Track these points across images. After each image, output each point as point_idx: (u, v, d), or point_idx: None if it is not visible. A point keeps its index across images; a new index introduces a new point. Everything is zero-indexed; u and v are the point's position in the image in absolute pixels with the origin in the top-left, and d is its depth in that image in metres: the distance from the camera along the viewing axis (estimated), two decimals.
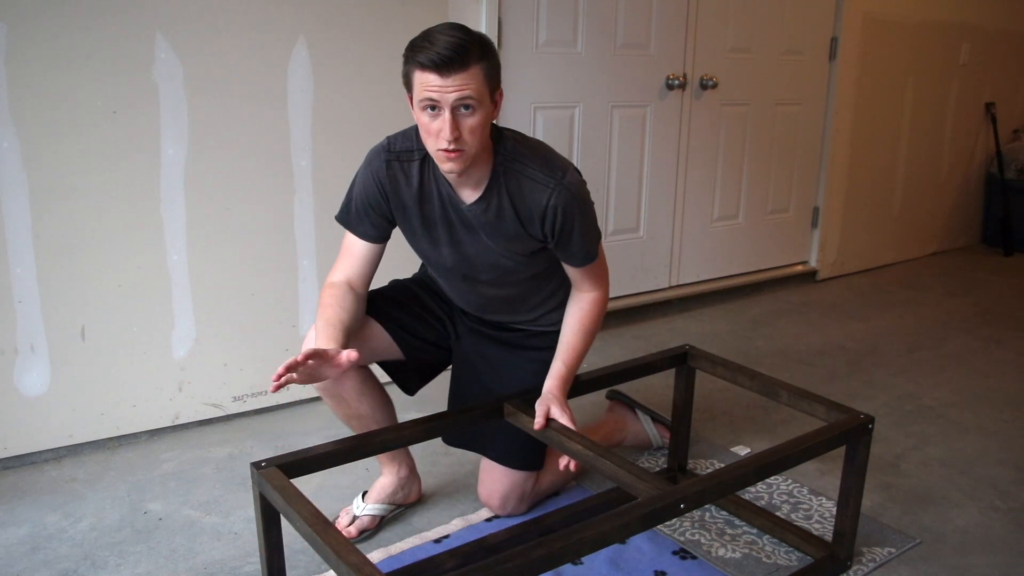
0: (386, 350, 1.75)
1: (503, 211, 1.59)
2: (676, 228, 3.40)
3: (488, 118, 1.50)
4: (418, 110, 1.48)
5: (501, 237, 1.62)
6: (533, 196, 1.57)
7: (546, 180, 1.57)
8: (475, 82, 1.44)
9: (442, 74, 1.41)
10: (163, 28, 2.08)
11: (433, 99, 1.43)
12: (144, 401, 2.25)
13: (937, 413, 2.53)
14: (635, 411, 2.20)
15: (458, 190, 1.60)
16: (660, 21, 3.11)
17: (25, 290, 2.03)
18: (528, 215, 1.59)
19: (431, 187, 1.61)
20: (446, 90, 1.42)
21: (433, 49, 1.41)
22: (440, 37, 1.42)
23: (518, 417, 1.67)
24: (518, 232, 1.61)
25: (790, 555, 1.78)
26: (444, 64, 1.41)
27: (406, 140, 1.62)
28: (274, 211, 2.34)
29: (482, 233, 1.62)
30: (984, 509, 1.98)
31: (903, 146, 4.19)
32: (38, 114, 1.97)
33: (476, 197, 1.58)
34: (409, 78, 1.47)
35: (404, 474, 1.88)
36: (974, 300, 3.75)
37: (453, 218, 1.62)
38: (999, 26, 4.43)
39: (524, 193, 1.58)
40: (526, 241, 1.63)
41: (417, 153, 1.60)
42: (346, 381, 1.69)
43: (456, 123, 1.44)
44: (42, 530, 1.85)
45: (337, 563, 1.18)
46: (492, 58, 1.48)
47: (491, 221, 1.60)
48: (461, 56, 1.41)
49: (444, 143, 1.45)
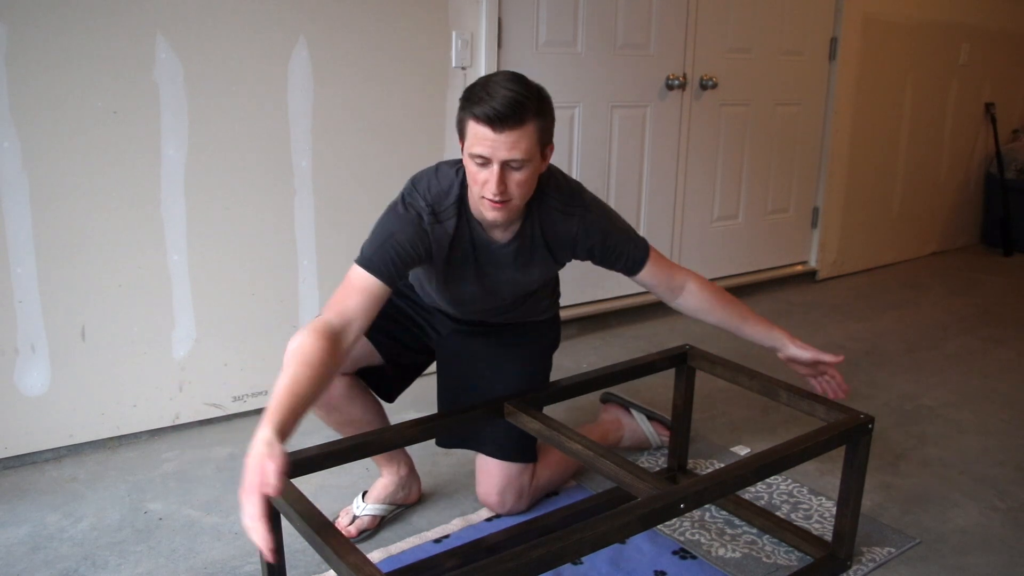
0: (366, 356, 1.75)
1: (535, 245, 1.62)
2: (676, 228, 3.40)
3: (535, 173, 1.50)
4: (468, 158, 1.46)
5: (529, 268, 1.66)
6: (564, 226, 1.61)
7: (570, 209, 1.61)
8: (527, 141, 1.43)
9: (496, 130, 1.40)
10: (163, 28, 2.08)
11: (484, 155, 1.43)
12: (144, 401, 2.25)
13: (937, 413, 2.53)
14: (630, 411, 2.20)
15: (491, 232, 1.60)
16: (660, 21, 3.11)
17: (25, 290, 2.03)
18: (559, 244, 1.63)
19: (464, 232, 1.59)
20: (497, 147, 1.41)
21: (489, 103, 1.39)
22: (499, 90, 1.40)
23: (518, 417, 1.67)
24: (546, 261, 1.66)
25: (790, 555, 1.78)
26: (499, 120, 1.39)
27: (441, 195, 1.56)
28: (274, 211, 2.34)
29: (512, 267, 1.65)
30: (984, 509, 1.98)
31: (903, 146, 4.19)
32: (38, 114, 1.97)
33: (509, 237, 1.60)
34: (463, 126, 1.46)
35: (404, 473, 1.88)
36: (974, 300, 3.75)
37: (482, 258, 1.63)
38: (999, 26, 4.43)
39: (555, 225, 1.61)
40: (552, 267, 1.69)
41: (454, 206, 1.56)
42: (332, 389, 1.68)
43: (503, 178, 1.44)
44: (42, 530, 1.85)
45: (337, 563, 1.18)
46: (547, 115, 1.48)
47: (523, 255, 1.63)
48: (517, 114, 1.40)
49: (489, 194, 1.45)
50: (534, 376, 1.85)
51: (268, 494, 1.16)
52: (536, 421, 1.64)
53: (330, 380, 1.40)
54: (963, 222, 4.76)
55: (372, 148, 2.48)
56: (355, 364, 1.74)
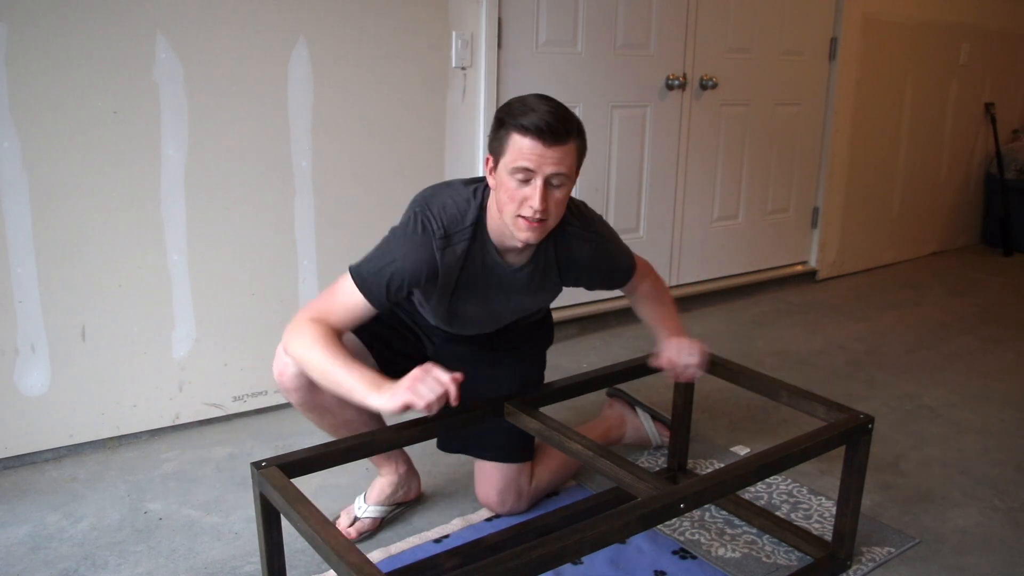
0: (358, 355, 1.74)
1: (548, 270, 1.63)
2: (676, 228, 3.40)
3: (569, 194, 1.51)
4: (506, 174, 1.44)
5: (540, 294, 1.67)
6: (578, 251, 1.63)
7: (587, 235, 1.63)
8: (571, 157, 1.44)
9: (545, 142, 1.40)
10: (163, 28, 2.08)
11: (529, 168, 1.41)
12: (144, 401, 2.25)
13: (937, 413, 2.53)
14: (635, 409, 2.20)
15: (506, 256, 1.59)
16: (660, 21, 3.11)
17: (25, 290, 2.03)
18: (569, 268, 1.65)
19: (476, 256, 1.57)
20: (545, 160, 1.41)
21: (537, 115, 1.39)
22: (541, 105, 1.41)
23: (518, 417, 1.67)
24: (555, 285, 1.67)
25: (790, 555, 1.78)
26: (549, 132, 1.39)
27: (454, 220, 1.53)
28: (274, 211, 2.34)
29: (522, 291, 1.65)
30: (984, 509, 1.98)
31: (903, 146, 4.19)
32: (38, 114, 1.97)
33: (524, 261, 1.60)
34: (503, 142, 1.43)
35: (403, 471, 1.88)
36: (974, 300, 3.75)
37: (493, 282, 1.62)
38: (999, 26, 4.43)
39: (570, 248, 1.62)
40: (558, 290, 1.71)
41: (468, 230, 1.54)
42: (324, 392, 1.59)
43: (546, 194, 1.43)
44: (42, 530, 1.85)
45: (337, 563, 1.18)
46: (584, 137, 1.49)
47: (535, 280, 1.64)
48: (565, 127, 1.41)
49: (529, 211, 1.43)
50: (529, 375, 1.86)
51: (458, 380, 1.38)
52: (536, 421, 1.64)
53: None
54: (963, 222, 4.76)
55: (372, 148, 2.48)
56: None
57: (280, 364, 1.63)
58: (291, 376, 1.62)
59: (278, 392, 2.45)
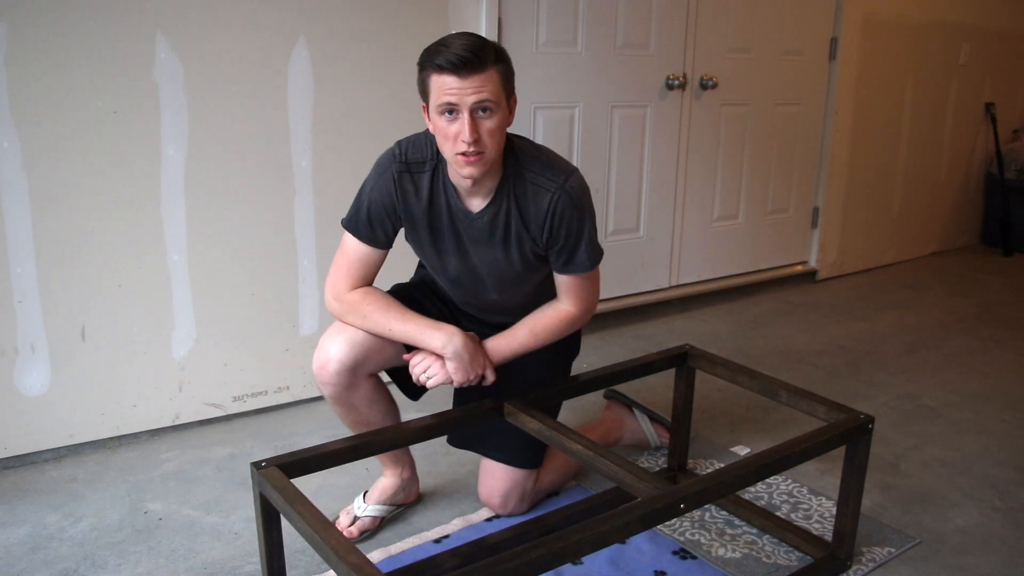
0: (394, 357, 1.74)
1: (510, 217, 1.60)
2: (676, 228, 3.40)
3: (505, 122, 1.51)
4: (435, 115, 1.48)
5: (507, 244, 1.63)
6: (536, 199, 1.58)
7: (548, 184, 1.58)
8: (492, 84, 1.45)
9: (461, 75, 1.42)
10: (163, 28, 2.08)
11: (452, 102, 1.44)
12: (144, 401, 2.25)
13: (937, 413, 2.53)
14: (632, 410, 2.20)
15: (466, 200, 1.60)
16: (660, 21, 3.11)
17: (25, 290, 2.03)
18: (531, 219, 1.60)
19: (440, 198, 1.61)
20: (465, 92, 1.43)
21: (450, 51, 1.42)
22: (455, 41, 1.44)
23: (518, 417, 1.67)
24: (522, 237, 1.62)
25: (790, 555, 1.78)
26: (463, 65, 1.42)
27: (416, 150, 1.61)
28: (274, 211, 2.34)
29: (489, 242, 1.63)
30: (984, 509, 1.98)
31: (903, 146, 4.19)
32: (38, 114, 1.97)
33: (484, 205, 1.59)
34: (426, 84, 1.48)
35: (407, 476, 1.88)
36: (974, 300, 3.75)
37: (461, 230, 1.63)
38: (999, 26, 4.43)
39: (528, 197, 1.59)
40: (529, 246, 1.64)
41: (428, 164, 1.60)
42: (359, 390, 1.68)
43: (475, 125, 1.45)
44: (42, 530, 1.85)
45: (337, 563, 1.18)
46: (507, 63, 1.50)
47: (498, 229, 1.61)
48: (479, 57, 1.43)
49: (463, 146, 1.46)
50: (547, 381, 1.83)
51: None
52: (536, 421, 1.64)
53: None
54: (963, 222, 4.76)
55: (372, 148, 2.46)
56: (384, 364, 1.72)
57: (322, 358, 1.64)
58: (332, 372, 1.63)
59: (278, 392, 2.45)
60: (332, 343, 1.63)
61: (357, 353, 1.63)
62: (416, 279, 1.89)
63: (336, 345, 1.63)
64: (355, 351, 1.62)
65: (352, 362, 1.63)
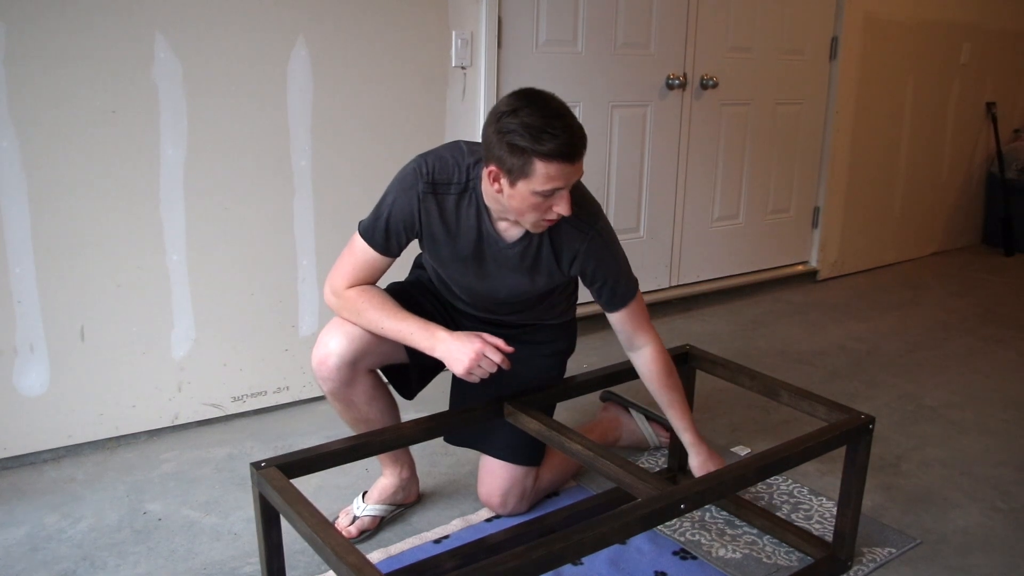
0: (393, 353, 1.74)
1: (541, 251, 1.63)
2: (676, 228, 3.40)
3: None
4: (529, 193, 1.45)
5: (534, 273, 1.66)
6: (570, 239, 1.62)
7: (582, 225, 1.61)
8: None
9: (572, 162, 1.44)
10: (163, 28, 2.08)
11: (560, 187, 1.45)
12: (143, 401, 2.24)
13: (938, 413, 2.52)
14: (629, 410, 2.20)
15: (502, 228, 1.61)
16: (660, 21, 3.11)
17: (25, 290, 2.03)
18: (563, 255, 1.64)
19: (469, 223, 1.60)
20: (571, 176, 1.46)
21: (558, 140, 1.40)
22: (556, 124, 1.41)
23: (517, 417, 1.67)
24: (551, 269, 1.66)
25: (790, 555, 1.78)
26: (573, 154, 1.43)
27: (444, 171, 1.59)
28: (274, 211, 2.34)
29: (516, 269, 1.65)
30: (985, 509, 1.98)
31: (904, 146, 4.18)
32: (38, 114, 1.97)
33: (518, 236, 1.61)
34: (526, 169, 1.42)
35: (406, 475, 1.88)
36: (975, 300, 3.74)
37: (488, 253, 1.63)
38: (999, 26, 4.43)
39: (563, 235, 1.62)
40: (556, 277, 1.68)
41: (456, 186, 1.59)
42: (358, 386, 1.69)
43: (570, 198, 1.49)
44: (41, 530, 1.85)
45: (337, 563, 1.17)
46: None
47: (529, 259, 1.63)
48: (583, 140, 1.45)
49: (556, 216, 1.50)
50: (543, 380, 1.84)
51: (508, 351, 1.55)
52: (536, 421, 1.64)
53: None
54: (964, 222, 4.76)
55: (372, 148, 2.48)
56: (383, 360, 1.73)
57: (321, 353, 1.64)
58: (331, 367, 1.64)
59: (277, 392, 2.45)
60: (331, 338, 1.63)
61: (356, 348, 1.63)
62: (413, 278, 1.89)
63: (335, 340, 1.63)
64: (354, 346, 1.62)
65: (351, 357, 1.63)
